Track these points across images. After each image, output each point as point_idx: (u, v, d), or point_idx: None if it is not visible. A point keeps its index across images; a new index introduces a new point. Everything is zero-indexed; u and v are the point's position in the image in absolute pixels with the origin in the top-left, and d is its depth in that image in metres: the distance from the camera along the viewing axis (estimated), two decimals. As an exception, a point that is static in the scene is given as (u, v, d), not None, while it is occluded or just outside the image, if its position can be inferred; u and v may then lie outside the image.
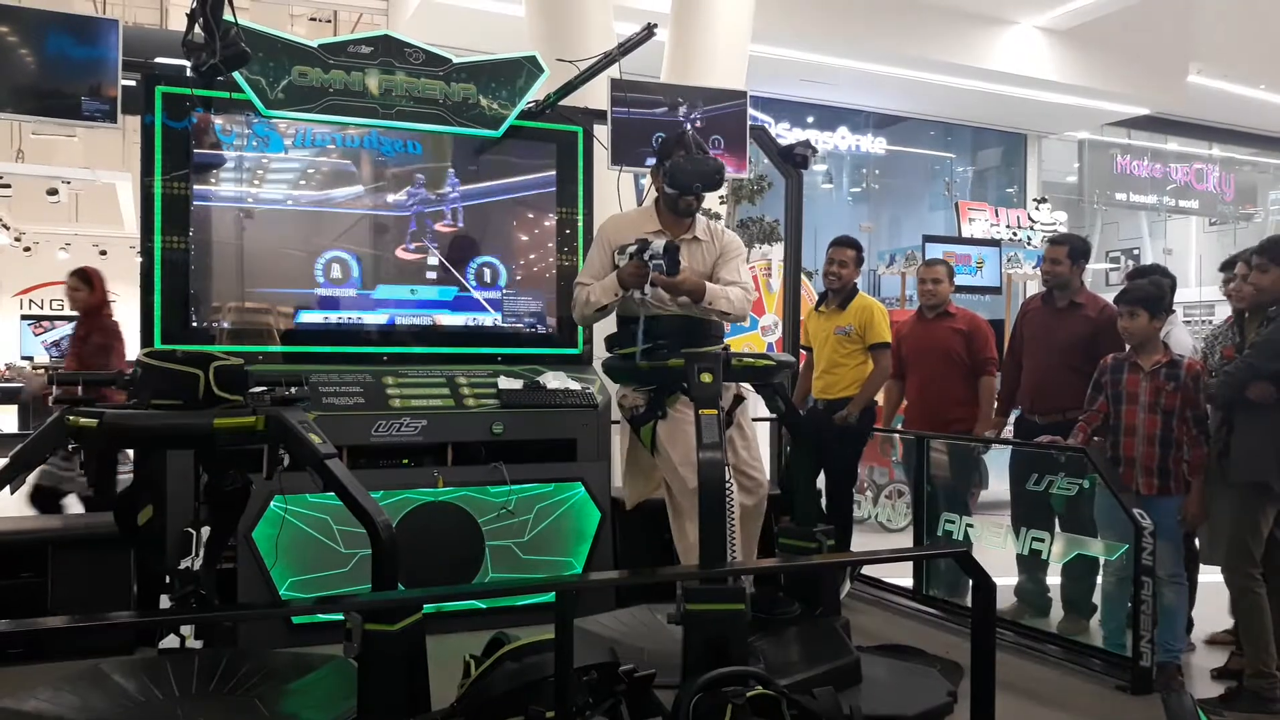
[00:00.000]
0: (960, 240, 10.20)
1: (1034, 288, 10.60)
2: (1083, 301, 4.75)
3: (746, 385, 3.98)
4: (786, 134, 11.62)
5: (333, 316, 4.51)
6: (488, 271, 4.78)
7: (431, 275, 4.68)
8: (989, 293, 10.40)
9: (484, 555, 4.26)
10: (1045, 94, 12.27)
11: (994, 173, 15.88)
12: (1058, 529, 4.38)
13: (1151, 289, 4.07)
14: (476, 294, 4.75)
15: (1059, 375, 4.60)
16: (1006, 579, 4.49)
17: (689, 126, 4.63)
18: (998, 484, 4.92)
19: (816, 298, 5.97)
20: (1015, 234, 10.72)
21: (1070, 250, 4.79)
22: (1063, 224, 10.81)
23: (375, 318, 4.57)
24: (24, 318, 17.48)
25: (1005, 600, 4.50)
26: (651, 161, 4.26)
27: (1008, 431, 5.16)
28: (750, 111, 5.23)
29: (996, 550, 4.53)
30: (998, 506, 4.91)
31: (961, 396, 5.12)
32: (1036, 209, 11.38)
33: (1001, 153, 15.60)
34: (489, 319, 4.78)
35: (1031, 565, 4.56)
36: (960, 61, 11.29)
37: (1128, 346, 4.05)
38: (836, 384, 5.22)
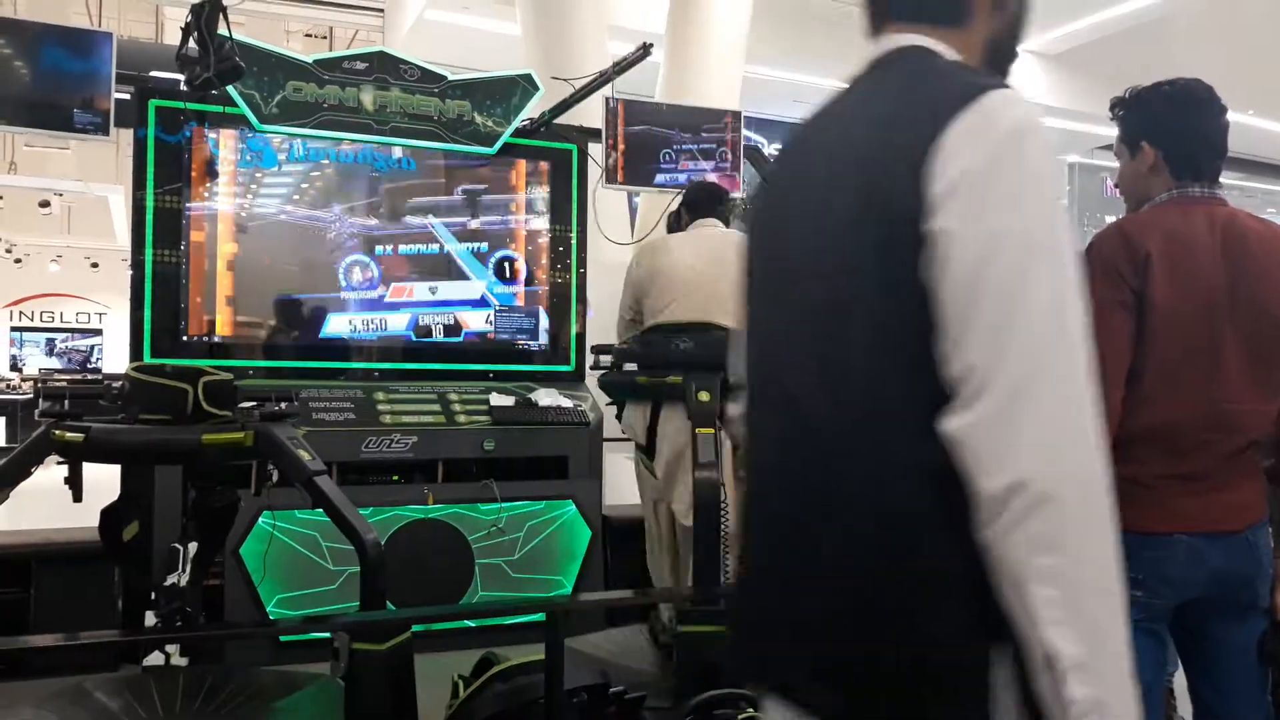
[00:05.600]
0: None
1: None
2: None
3: None
4: (780, 154, 11.67)
5: (338, 321, 4.49)
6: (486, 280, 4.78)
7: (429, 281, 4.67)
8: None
9: (474, 573, 4.22)
10: (1037, 117, 12.34)
11: (985, 195, 15.99)
12: None
13: None
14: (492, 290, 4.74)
15: None
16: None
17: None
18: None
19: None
20: (1007, 256, 10.77)
21: None
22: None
23: (378, 317, 4.55)
24: (14, 329, 17.44)
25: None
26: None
27: None
28: (744, 132, 5.25)
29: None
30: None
31: None
32: (1028, 231, 11.42)
33: (993, 175, 15.71)
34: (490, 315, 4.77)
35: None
36: (953, 84, 11.36)
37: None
38: None
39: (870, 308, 1.05)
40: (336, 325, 4.52)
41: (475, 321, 4.75)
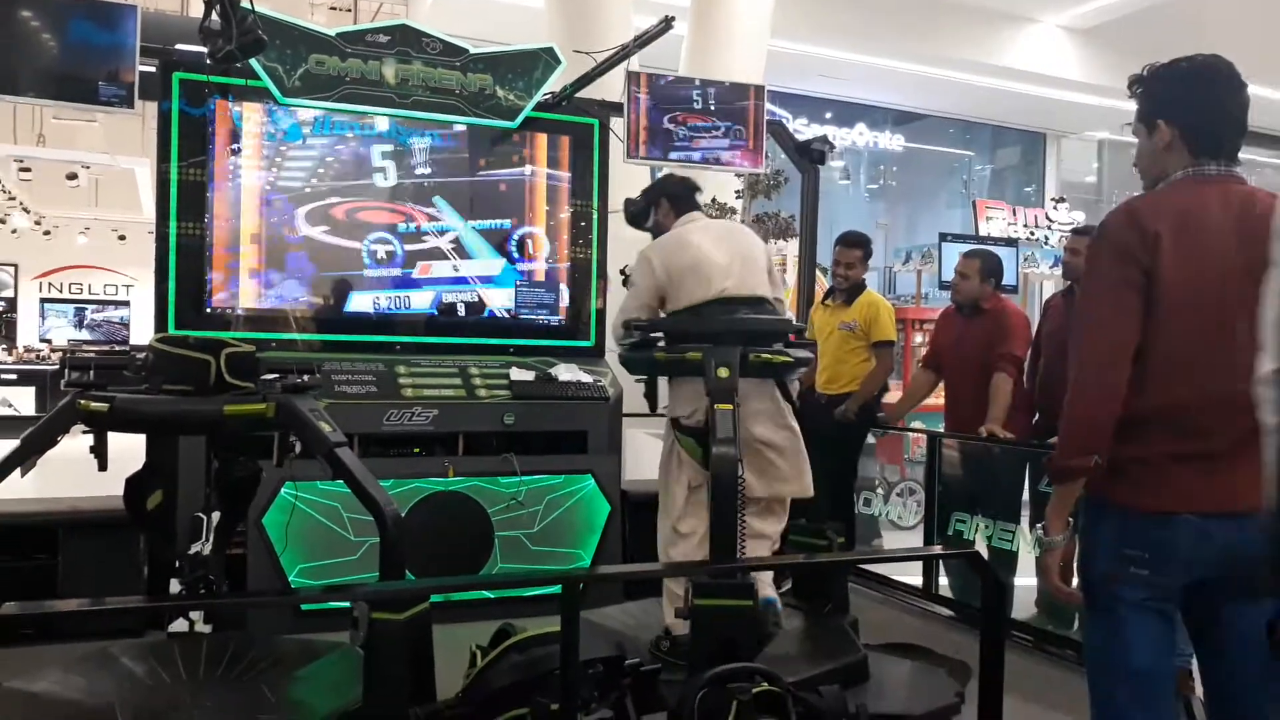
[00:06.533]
0: (977, 239, 10.14)
1: (1051, 288, 10.55)
2: None
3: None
4: (804, 129, 11.56)
5: (360, 296, 4.51)
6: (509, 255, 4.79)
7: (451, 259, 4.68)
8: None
9: (493, 545, 4.26)
10: (1065, 93, 12.17)
11: (1012, 171, 15.80)
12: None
13: None
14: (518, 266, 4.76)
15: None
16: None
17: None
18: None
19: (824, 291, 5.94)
20: (1033, 233, 10.64)
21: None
22: (1081, 224, 10.74)
23: (411, 296, 4.57)
24: (42, 300, 17.61)
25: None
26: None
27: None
28: (768, 106, 5.20)
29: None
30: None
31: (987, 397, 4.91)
32: (1055, 209, 11.30)
33: (1020, 151, 15.51)
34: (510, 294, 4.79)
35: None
36: (980, 59, 11.22)
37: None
38: (838, 379, 5.20)
39: None
40: (359, 300, 4.54)
41: (497, 299, 4.76)
